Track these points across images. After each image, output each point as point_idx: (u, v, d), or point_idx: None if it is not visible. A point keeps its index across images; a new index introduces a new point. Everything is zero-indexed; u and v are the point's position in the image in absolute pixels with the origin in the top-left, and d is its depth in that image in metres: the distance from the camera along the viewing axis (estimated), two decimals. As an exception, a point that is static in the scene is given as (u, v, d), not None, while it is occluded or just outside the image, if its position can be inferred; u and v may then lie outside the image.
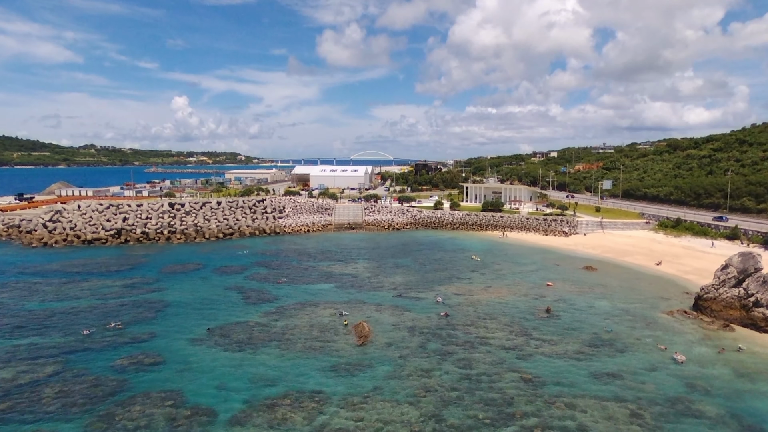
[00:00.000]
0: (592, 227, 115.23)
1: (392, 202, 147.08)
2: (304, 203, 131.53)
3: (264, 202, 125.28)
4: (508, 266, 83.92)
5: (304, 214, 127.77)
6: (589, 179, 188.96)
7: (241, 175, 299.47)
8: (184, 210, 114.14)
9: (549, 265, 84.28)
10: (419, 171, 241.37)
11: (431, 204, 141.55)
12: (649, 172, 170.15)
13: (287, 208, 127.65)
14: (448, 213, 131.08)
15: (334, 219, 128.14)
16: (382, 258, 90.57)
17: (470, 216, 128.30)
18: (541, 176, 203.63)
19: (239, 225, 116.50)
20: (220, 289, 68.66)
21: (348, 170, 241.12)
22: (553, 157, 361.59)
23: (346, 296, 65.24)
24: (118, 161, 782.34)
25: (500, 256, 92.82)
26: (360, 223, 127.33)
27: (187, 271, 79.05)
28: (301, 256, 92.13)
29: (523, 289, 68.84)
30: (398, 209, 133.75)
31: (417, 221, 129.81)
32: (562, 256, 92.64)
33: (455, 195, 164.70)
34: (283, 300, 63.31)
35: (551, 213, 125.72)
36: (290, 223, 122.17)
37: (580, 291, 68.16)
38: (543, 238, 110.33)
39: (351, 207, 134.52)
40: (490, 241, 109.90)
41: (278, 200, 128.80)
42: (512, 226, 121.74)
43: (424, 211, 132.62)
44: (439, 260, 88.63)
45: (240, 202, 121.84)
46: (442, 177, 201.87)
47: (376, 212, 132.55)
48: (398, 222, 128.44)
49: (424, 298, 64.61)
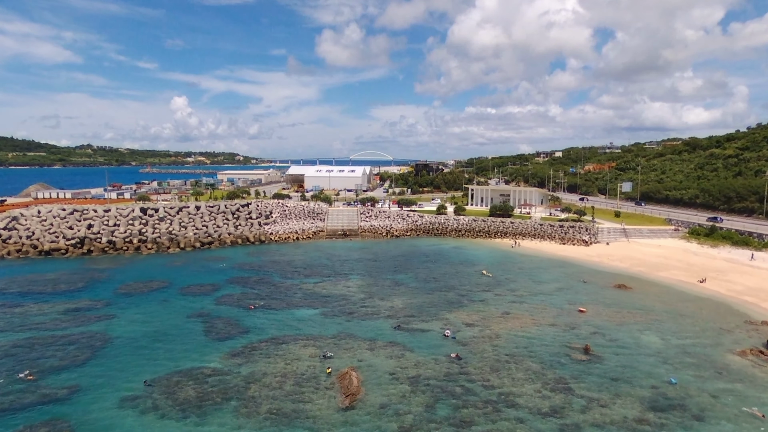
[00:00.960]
0: (615, 235, 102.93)
1: (391, 205, 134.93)
2: (293, 207, 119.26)
3: (249, 207, 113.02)
4: (526, 284, 71.65)
5: (293, 220, 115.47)
6: (602, 180, 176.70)
7: (235, 175, 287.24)
8: (157, 216, 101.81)
9: (574, 283, 72.00)
10: (420, 172, 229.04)
11: (433, 208, 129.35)
12: (668, 173, 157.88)
13: (275, 213, 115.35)
14: (452, 218, 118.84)
15: (327, 225, 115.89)
16: (378, 273, 78.28)
17: (477, 222, 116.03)
18: (549, 177, 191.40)
19: (220, 233, 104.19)
20: (180, 317, 56.35)
21: (345, 171, 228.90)
22: (558, 157, 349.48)
23: (333, 327, 52.94)
24: (115, 161, 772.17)
25: (515, 270, 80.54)
26: (355, 230, 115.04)
27: (148, 292, 66.74)
28: (286, 270, 79.81)
29: (550, 317, 56.58)
30: (397, 214, 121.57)
31: (418, 227, 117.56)
32: (587, 270, 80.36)
33: (459, 198, 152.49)
34: (255, 333, 51.01)
35: (567, 219, 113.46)
36: (277, 230, 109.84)
37: (620, 319, 55.87)
38: (560, 248, 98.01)
39: (345, 212, 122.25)
40: (500, 251, 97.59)
41: (265, 204, 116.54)
42: (524, 233, 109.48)
43: (426, 216, 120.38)
44: (445, 276, 76.36)
45: (222, 207, 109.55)
46: (444, 178, 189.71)
47: (373, 217, 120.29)
48: (397, 228, 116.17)
49: (429, 330, 52.32)
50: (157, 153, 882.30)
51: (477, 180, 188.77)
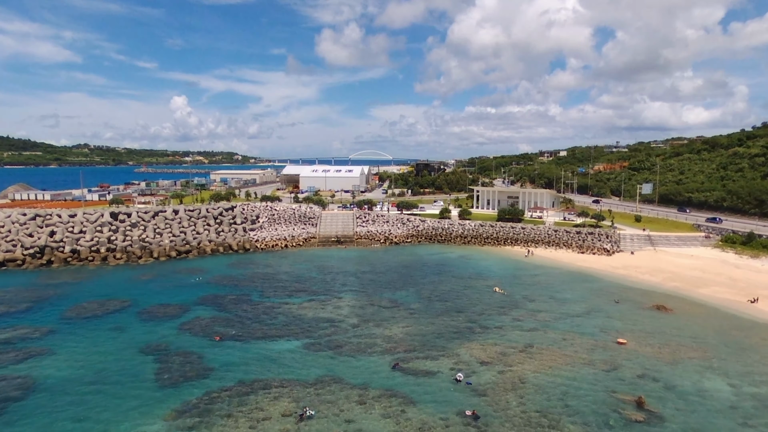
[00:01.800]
0: (639, 243, 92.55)
1: (390, 208, 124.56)
2: (283, 211, 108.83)
3: (233, 211, 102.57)
4: (548, 304, 61.29)
5: (282, 225, 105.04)
6: (615, 181, 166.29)
7: (228, 175, 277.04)
8: (129, 221, 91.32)
9: (604, 303, 61.64)
10: (420, 171, 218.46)
11: (436, 211, 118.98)
12: (686, 173, 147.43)
13: (262, 217, 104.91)
14: (457, 223, 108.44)
15: (320, 231, 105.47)
16: (375, 289, 67.90)
17: (484, 227, 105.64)
18: (557, 178, 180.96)
19: (199, 240, 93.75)
20: (131, 352, 46.00)
21: (342, 171, 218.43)
22: (562, 156, 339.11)
23: (316, 368, 42.56)
24: (112, 161, 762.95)
25: (532, 285, 70.16)
26: (350, 236, 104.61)
27: (103, 315, 56.40)
28: (268, 286, 69.41)
29: (584, 351, 46.23)
30: (397, 218, 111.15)
31: (420, 233, 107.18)
32: (615, 286, 69.99)
33: (463, 200, 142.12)
34: (217, 378, 40.63)
35: (584, 224, 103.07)
36: (264, 236, 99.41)
37: (670, 355, 45.52)
38: (579, 258, 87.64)
39: (340, 216, 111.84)
40: (512, 261, 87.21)
41: (251, 208, 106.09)
42: (537, 240, 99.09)
43: (428, 221, 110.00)
44: (451, 294, 65.98)
45: (202, 211, 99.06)
46: (446, 179, 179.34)
47: (371, 222, 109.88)
48: (397, 234, 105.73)
49: (436, 372, 41.94)
50: (155, 152, 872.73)
51: (482, 181, 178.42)
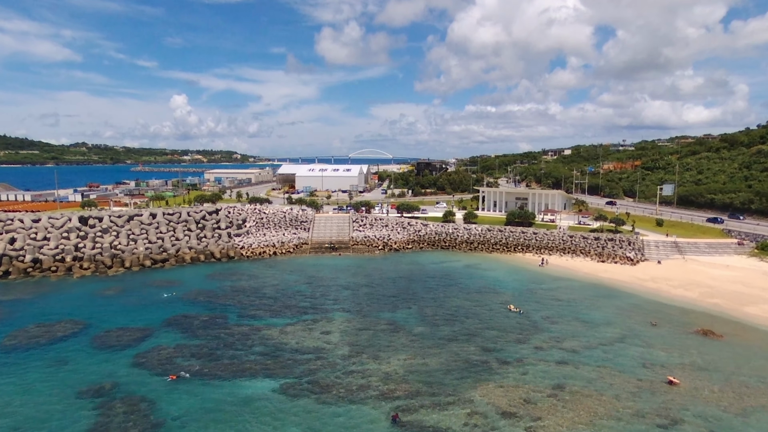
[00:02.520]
0: (665, 250, 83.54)
1: (389, 210, 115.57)
2: (273, 214, 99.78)
3: (217, 214, 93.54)
4: (572, 326, 52.33)
5: (271, 230, 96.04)
6: (627, 181, 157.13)
7: (223, 175, 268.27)
8: (100, 227, 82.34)
9: (638, 326, 52.65)
10: (422, 171, 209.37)
11: (439, 214, 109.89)
12: (705, 172, 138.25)
13: (249, 221, 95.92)
14: (462, 227, 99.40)
15: (312, 236, 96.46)
16: (371, 308, 58.94)
17: (492, 232, 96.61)
18: (565, 178, 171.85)
19: (178, 247, 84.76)
20: (66, 396, 37.03)
21: (340, 170, 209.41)
22: (567, 155, 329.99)
23: (294, 425, 33.53)
24: (109, 160, 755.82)
25: (551, 302, 61.15)
26: (346, 242, 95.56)
27: (48, 342, 47.48)
28: (249, 304, 60.43)
29: (627, 396, 37.19)
30: (397, 222, 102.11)
31: (421, 238, 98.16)
32: (646, 303, 60.99)
33: (468, 201, 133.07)
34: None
35: (601, 228, 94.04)
36: (251, 242, 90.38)
37: (738, 402, 36.48)
38: (601, 268, 78.60)
39: (335, 219, 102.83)
40: (526, 271, 78.21)
41: (238, 211, 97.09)
42: (551, 247, 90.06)
43: (431, 225, 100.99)
44: (460, 313, 56.99)
45: (183, 215, 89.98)
46: (448, 179, 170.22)
47: (368, 226, 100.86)
48: (397, 240, 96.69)
49: (447, 428, 32.94)
50: (153, 151, 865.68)
51: (487, 181, 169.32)
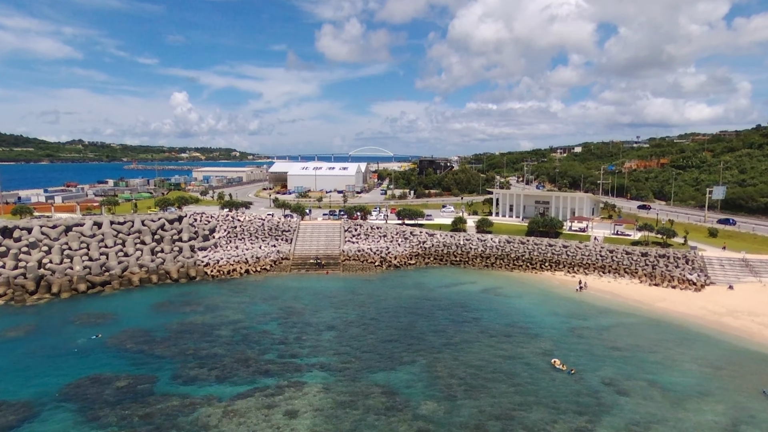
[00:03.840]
0: (734, 270, 66.84)
1: (389, 215, 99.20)
2: (249, 222, 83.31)
3: (180, 223, 77.08)
4: (650, 399, 35.82)
5: (246, 242, 79.61)
6: (656, 181, 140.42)
7: (212, 173, 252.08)
8: (27, 240, 65.88)
9: (746, 398, 36.13)
10: (425, 169, 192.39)
11: (447, 220, 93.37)
12: (749, 172, 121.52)
13: (219, 231, 79.50)
14: (475, 238, 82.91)
15: (295, 249, 79.99)
16: (361, 363, 42.39)
17: (513, 244, 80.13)
18: (584, 177, 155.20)
19: (126, 265, 68.29)
20: None
21: (336, 168, 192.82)
22: (577, 152, 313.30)
23: None
24: (105, 157, 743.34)
25: (607, 353, 44.57)
26: (336, 257, 79.05)
27: None
28: (192, 355, 43.87)
29: None
30: (397, 231, 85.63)
31: (427, 252, 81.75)
32: (738, 352, 44.43)
33: (479, 205, 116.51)
34: None
35: (644, 240, 77.51)
36: (219, 258, 73.87)
37: None
38: (654, 294, 62.01)
39: (324, 228, 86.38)
40: (560, 299, 61.62)
41: (206, 218, 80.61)
42: (586, 264, 73.56)
43: (438, 235, 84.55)
44: (485, 372, 40.46)
45: (136, 224, 73.46)
46: (455, 178, 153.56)
47: (363, 236, 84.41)
48: (397, 254, 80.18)
49: None
50: (151, 148, 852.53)
51: (498, 181, 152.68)
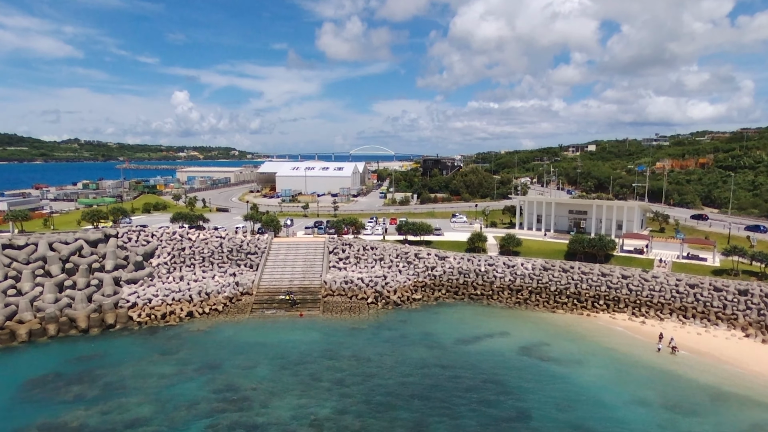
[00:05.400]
0: None
1: (388, 227, 79.34)
2: (202, 243, 63.33)
3: (106, 244, 57.22)
4: None
5: (196, 270, 59.67)
6: (701, 184, 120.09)
7: (197, 173, 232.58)
8: None
9: None
10: (429, 170, 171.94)
11: (462, 236, 73.06)
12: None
13: (161, 254, 59.58)
14: (501, 263, 62.80)
15: (261, 280, 59.97)
16: None
17: (551, 272, 60.00)
18: (613, 179, 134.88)
19: (12, 310, 48.50)
20: None
21: (330, 168, 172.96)
22: (591, 151, 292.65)
23: None
24: (101, 156, 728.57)
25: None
26: (315, 290, 58.96)
27: None
28: None
29: None
30: (398, 253, 65.62)
31: (437, 282, 61.73)
32: None
33: (497, 214, 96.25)
34: None
35: (734, 269, 57.30)
36: (152, 296, 53.80)
37: None
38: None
39: (303, 248, 66.39)
40: (642, 369, 41.35)
41: (144, 238, 60.74)
42: (657, 304, 53.47)
43: (452, 258, 64.51)
44: None
45: (40, 249, 53.66)
46: (464, 180, 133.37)
47: (353, 261, 64.36)
48: (397, 286, 60.03)
49: None
50: (148, 148, 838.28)
51: (517, 185, 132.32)
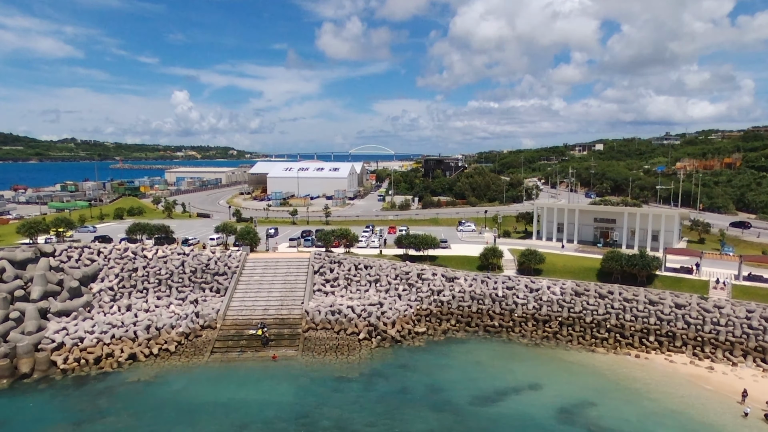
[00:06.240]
0: None
1: (386, 236, 68.41)
2: (159, 261, 52.25)
3: (36, 263, 46.15)
4: None
5: (149, 296, 48.56)
6: (732, 186, 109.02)
7: (187, 174, 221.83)
8: None
9: None
10: (431, 170, 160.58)
11: (473, 251, 62.01)
12: None
13: (107, 276, 48.46)
14: (522, 284, 51.74)
15: (228, 310, 48.83)
16: None
17: (585, 298, 48.94)
18: (632, 180, 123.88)
19: None
20: None
21: (325, 169, 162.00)
22: (599, 150, 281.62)
23: None
24: (97, 156, 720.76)
25: None
26: (294, 322, 47.79)
27: None
28: None
29: None
30: (397, 273, 54.58)
31: (445, 309, 50.68)
32: None
33: (510, 220, 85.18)
34: None
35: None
36: (85, 333, 42.49)
37: None
38: None
39: (282, 267, 55.25)
40: None
41: (87, 256, 49.64)
42: (721, 342, 42.56)
43: (462, 279, 53.42)
44: None
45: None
46: (470, 182, 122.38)
47: (342, 282, 53.26)
48: (396, 315, 48.89)
49: None
50: (145, 147, 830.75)
51: (527, 186, 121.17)
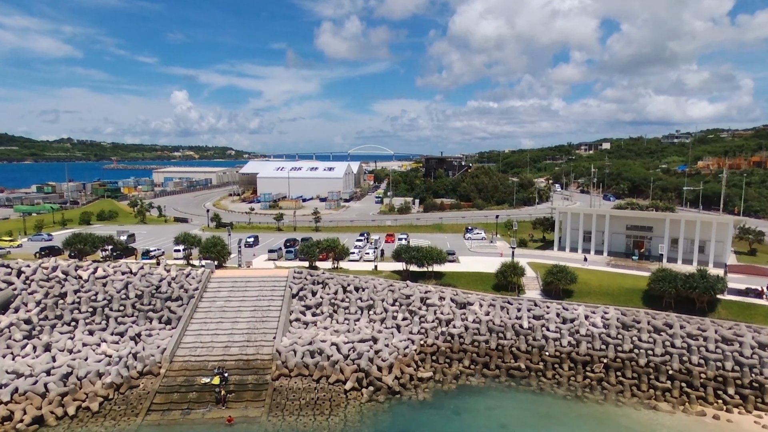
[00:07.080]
0: None
1: (384, 246, 57.78)
2: (97, 283, 41.58)
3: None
4: None
5: (78, 332, 37.83)
6: (765, 187, 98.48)
7: (175, 174, 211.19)
8: None
9: None
10: (432, 170, 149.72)
11: (488, 265, 51.39)
12: None
13: (23, 307, 37.81)
14: (552, 312, 41.08)
15: (178, 348, 38.03)
16: None
17: (633, 330, 38.31)
18: (653, 181, 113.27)
19: None
20: None
21: (319, 169, 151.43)
22: (606, 149, 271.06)
23: None
24: (93, 156, 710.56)
25: None
26: (262, 366, 36.89)
27: None
28: None
29: None
30: (394, 294, 43.83)
31: (455, 347, 39.88)
32: None
33: (526, 226, 74.40)
34: None
35: None
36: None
37: None
38: None
39: (253, 289, 44.41)
40: None
41: (3, 277, 39.26)
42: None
43: (476, 303, 42.68)
44: None
45: None
46: (475, 183, 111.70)
47: (326, 309, 42.45)
48: (393, 356, 37.97)
49: None
50: (142, 147, 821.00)
51: (538, 187, 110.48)
